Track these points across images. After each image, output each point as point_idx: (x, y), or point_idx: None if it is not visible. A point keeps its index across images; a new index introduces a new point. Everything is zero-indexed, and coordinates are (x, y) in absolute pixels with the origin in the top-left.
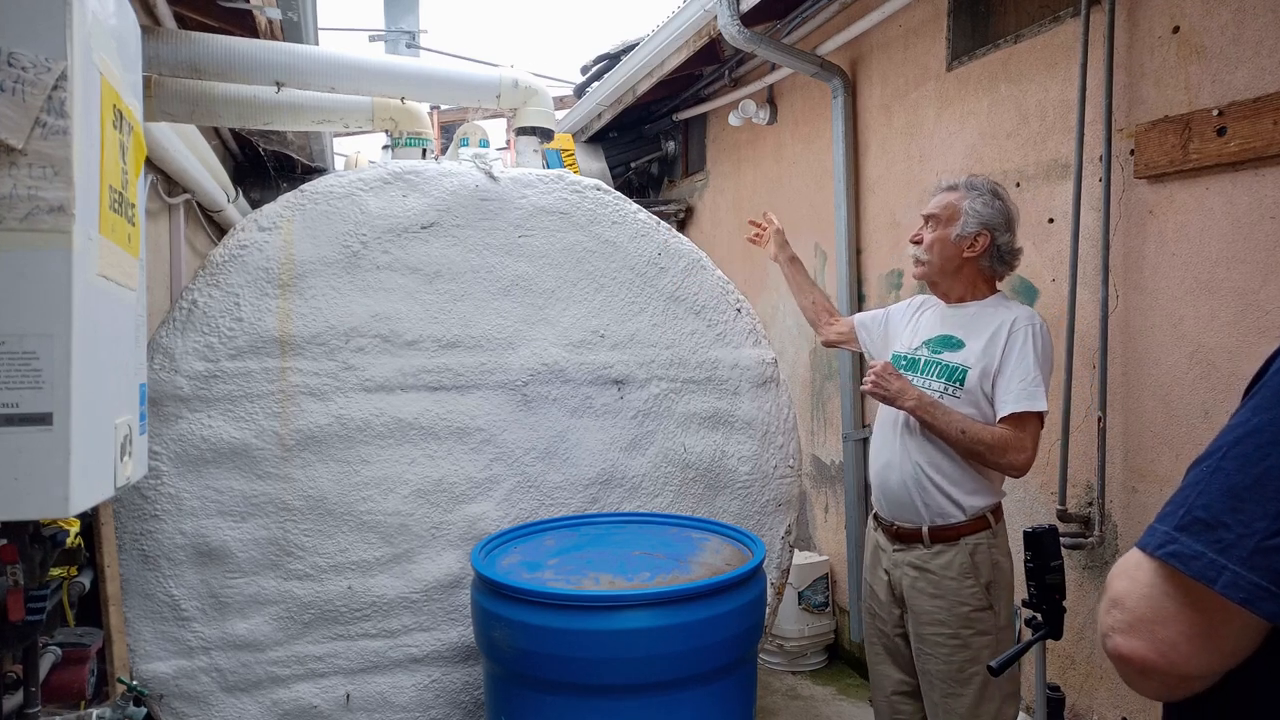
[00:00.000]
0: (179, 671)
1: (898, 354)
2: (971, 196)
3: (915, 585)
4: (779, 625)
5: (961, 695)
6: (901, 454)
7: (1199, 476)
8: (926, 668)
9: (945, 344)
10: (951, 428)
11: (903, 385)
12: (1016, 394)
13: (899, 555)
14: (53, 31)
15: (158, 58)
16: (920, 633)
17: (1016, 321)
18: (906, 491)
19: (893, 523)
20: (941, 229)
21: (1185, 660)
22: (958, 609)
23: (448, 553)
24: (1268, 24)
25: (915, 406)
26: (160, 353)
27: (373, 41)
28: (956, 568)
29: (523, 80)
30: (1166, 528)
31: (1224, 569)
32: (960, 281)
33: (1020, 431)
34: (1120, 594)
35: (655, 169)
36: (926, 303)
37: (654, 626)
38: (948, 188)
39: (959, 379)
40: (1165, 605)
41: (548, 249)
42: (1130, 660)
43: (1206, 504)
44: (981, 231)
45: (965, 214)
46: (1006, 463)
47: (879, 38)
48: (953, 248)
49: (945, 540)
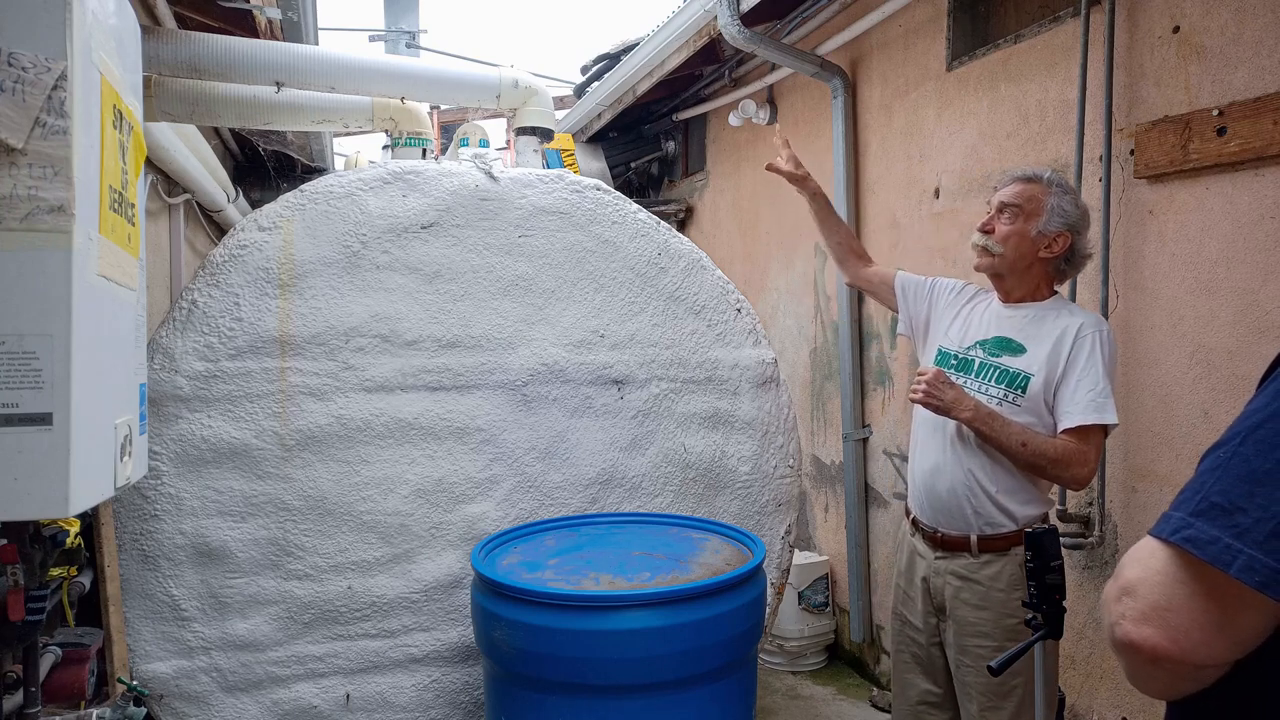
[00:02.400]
0: (179, 671)
1: (945, 351)
2: (1058, 193)
3: (959, 595)
4: (779, 625)
5: (1001, 709)
6: (952, 460)
7: (1215, 462)
8: (966, 679)
9: (1004, 347)
10: (1012, 440)
11: (957, 395)
12: (1085, 405)
13: (940, 563)
14: (53, 31)
15: (158, 58)
16: (962, 644)
17: (1083, 328)
18: (956, 499)
19: (935, 529)
20: (1021, 222)
21: (1198, 648)
22: (1004, 621)
23: (448, 553)
24: (1268, 24)
25: (972, 418)
26: (160, 353)
27: (373, 41)
28: (1006, 579)
29: (523, 80)
30: (1181, 514)
31: (1240, 553)
32: (1027, 280)
33: (1084, 445)
34: (1132, 581)
35: (655, 169)
36: (978, 295)
37: (654, 626)
38: (1026, 178)
39: (1020, 386)
40: (1179, 592)
41: (548, 249)
42: (1141, 648)
43: (1224, 489)
44: (1063, 232)
45: (1050, 210)
46: (1069, 476)
47: (879, 38)
48: (1030, 244)
49: (994, 550)
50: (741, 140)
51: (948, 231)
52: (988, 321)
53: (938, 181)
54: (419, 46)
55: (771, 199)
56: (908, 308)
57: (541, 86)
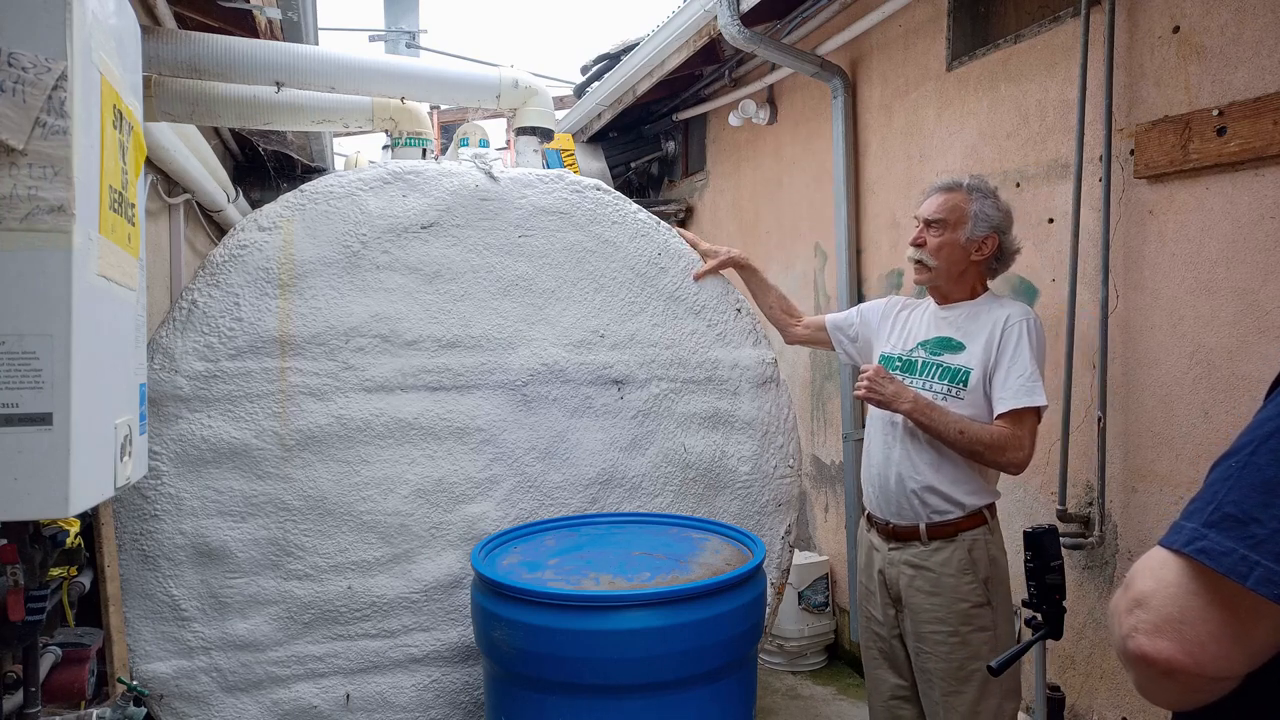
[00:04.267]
0: (179, 671)
1: (888, 355)
2: (978, 199)
3: (913, 583)
4: (779, 625)
5: (962, 693)
6: (900, 454)
7: (1228, 472)
8: (925, 666)
9: (944, 346)
10: (949, 429)
11: (898, 388)
12: (1015, 390)
13: (894, 554)
14: (53, 31)
15: (158, 58)
16: (919, 631)
17: (1010, 318)
18: (904, 491)
19: (888, 522)
20: (949, 233)
21: (1214, 660)
22: (957, 605)
23: (448, 553)
24: (1268, 24)
25: (912, 409)
26: (160, 353)
27: (373, 41)
28: (955, 564)
29: (523, 80)
30: (1194, 524)
31: (1256, 565)
32: (963, 284)
33: (1018, 429)
34: (1145, 593)
35: (655, 169)
36: (909, 303)
37: (654, 626)
38: (945, 189)
39: (962, 380)
40: (1193, 604)
41: (548, 249)
42: (1155, 661)
43: (1237, 499)
44: (990, 234)
45: (974, 217)
46: (1006, 461)
47: (879, 38)
48: (961, 251)
49: (943, 536)
50: (741, 140)
51: None
52: (927, 323)
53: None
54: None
55: (771, 199)
56: (843, 344)
57: (541, 86)
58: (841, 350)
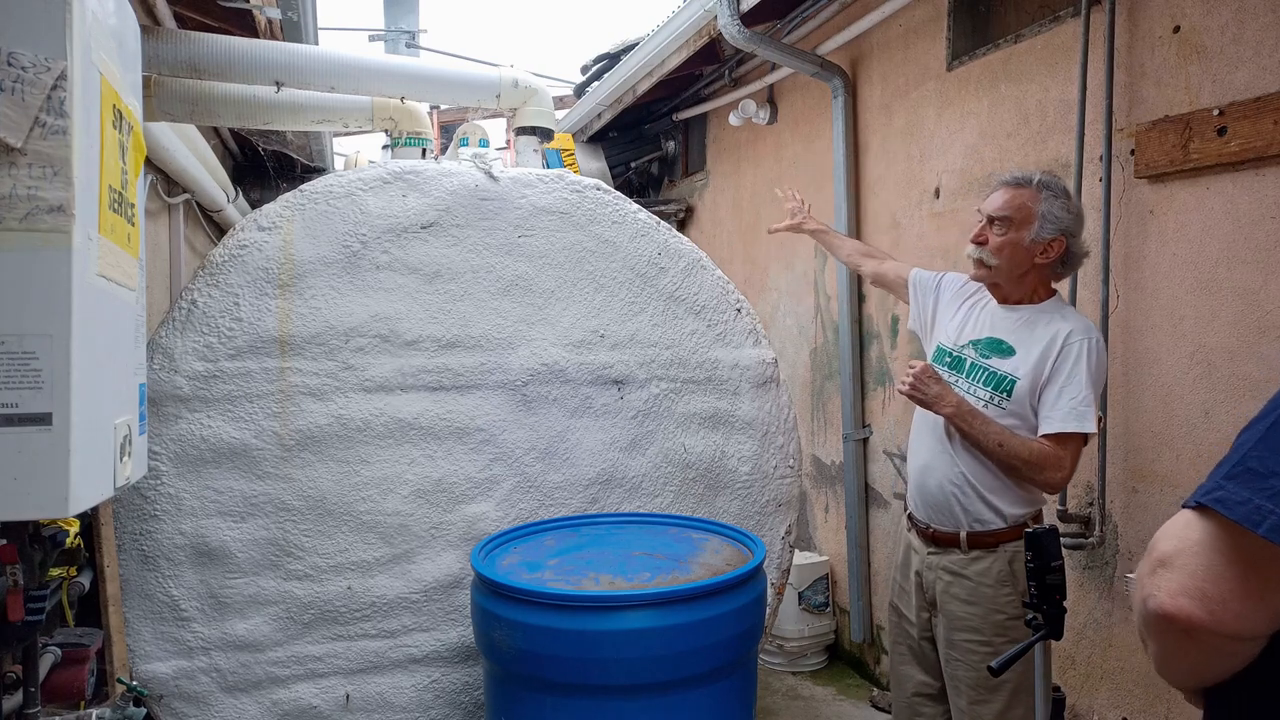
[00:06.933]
0: (179, 672)
1: (942, 347)
2: (1047, 198)
3: (949, 590)
4: (779, 625)
5: (989, 702)
6: (943, 457)
7: (1253, 434)
8: (955, 673)
9: (994, 348)
10: (989, 439)
11: (941, 390)
12: (1065, 413)
13: (933, 558)
14: (52, 31)
15: (158, 58)
16: (951, 638)
17: (1072, 334)
18: (945, 496)
19: (928, 525)
20: (1014, 232)
21: (1235, 618)
22: (993, 616)
23: (447, 553)
24: (1268, 24)
25: (953, 414)
26: (160, 353)
27: (373, 41)
28: (994, 575)
29: (523, 80)
30: (1215, 479)
31: (1270, 513)
32: (1024, 285)
33: (1060, 450)
34: (1168, 553)
35: (655, 169)
36: (980, 292)
37: (654, 627)
38: (1014, 183)
39: (1006, 390)
40: (1215, 561)
41: (548, 249)
42: (1175, 619)
43: (1260, 456)
44: (1058, 237)
45: (1042, 218)
46: (1044, 480)
47: (879, 37)
48: (1025, 252)
49: (984, 546)
50: (742, 140)
51: (948, 231)
52: (984, 321)
53: (938, 181)
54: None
55: (771, 199)
56: (916, 305)
57: (541, 86)
58: (913, 311)
